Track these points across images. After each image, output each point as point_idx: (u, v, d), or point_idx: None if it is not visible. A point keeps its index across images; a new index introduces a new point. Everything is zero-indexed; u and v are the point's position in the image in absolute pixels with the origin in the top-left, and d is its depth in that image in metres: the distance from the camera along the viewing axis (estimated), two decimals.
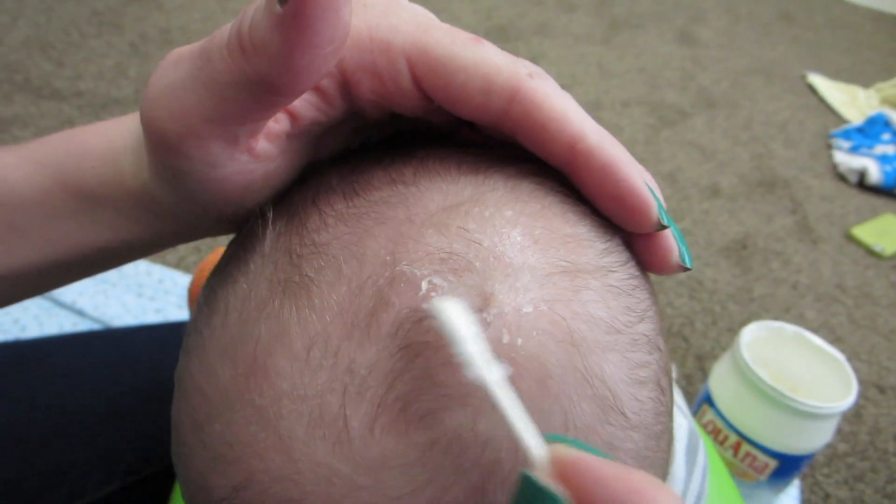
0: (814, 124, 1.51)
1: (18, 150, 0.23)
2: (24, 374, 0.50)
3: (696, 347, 0.90)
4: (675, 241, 0.19)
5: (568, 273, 0.17)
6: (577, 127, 0.17)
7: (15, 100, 1.16)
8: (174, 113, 0.16)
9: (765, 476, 0.64)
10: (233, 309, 0.18)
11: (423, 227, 0.17)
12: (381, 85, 0.18)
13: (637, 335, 0.18)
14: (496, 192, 0.18)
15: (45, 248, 0.23)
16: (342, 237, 0.17)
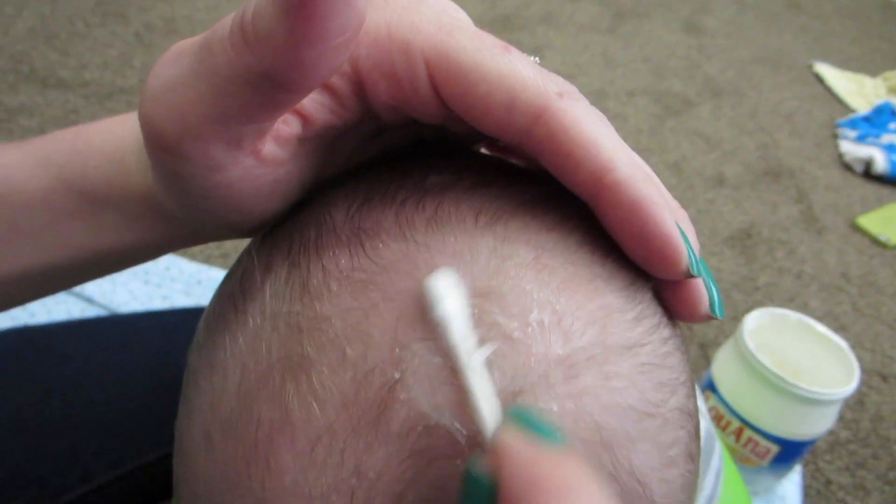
0: (820, 114, 1.51)
1: (22, 147, 0.22)
2: (34, 360, 0.50)
3: (699, 336, 0.90)
4: (705, 291, 0.18)
5: (596, 360, 0.15)
6: (606, 156, 0.16)
7: (21, 90, 1.17)
8: (173, 111, 0.15)
9: (766, 461, 0.64)
10: (232, 374, 0.16)
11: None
12: (397, 88, 0.16)
13: (669, 412, 0.16)
14: (518, 257, 0.16)
15: (49, 251, 0.22)
16: (347, 312, 0.15)
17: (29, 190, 0.22)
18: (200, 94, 0.14)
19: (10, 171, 0.22)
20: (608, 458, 0.15)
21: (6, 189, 0.22)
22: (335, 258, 0.16)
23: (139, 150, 0.21)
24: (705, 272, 0.18)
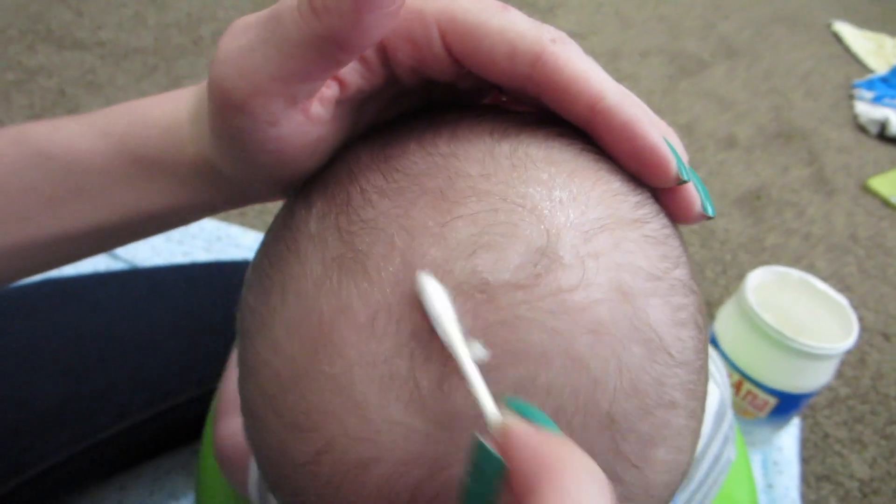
0: (837, 74, 1.49)
1: (84, 119, 0.25)
2: (67, 308, 0.53)
3: (705, 294, 0.92)
4: (696, 193, 0.20)
5: (607, 228, 0.18)
6: (597, 88, 0.18)
7: (38, 50, 1.18)
8: (244, 72, 0.18)
9: (764, 413, 0.67)
10: (290, 289, 0.19)
11: (466, 195, 0.18)
12: (415, 51, 0.19)
13: (674, 280, 0.19)
14: (530, 156, 0.19)
15: (108, 212, 0.25)
16: (389, 212, 0.18)
17: (91, 158, 0.24)
18: (269, 57, 0.17)
19: (74, 141, 0.24)
20: (630, 310, 0.17)
21: (72, 157, 0.24)
22: (370, 180, 0.19)
23: (192, 121, 0.23)
24: (694, 178, 0.20)
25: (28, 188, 0.25)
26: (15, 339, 0.50)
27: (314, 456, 0.18)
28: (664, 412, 0.18)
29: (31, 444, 0.48)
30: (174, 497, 0.61)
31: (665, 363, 0.18)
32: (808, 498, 0.72)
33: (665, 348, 0.18)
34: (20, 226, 0.25)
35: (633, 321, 0.17)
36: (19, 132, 0.25)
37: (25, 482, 0.49)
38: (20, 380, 0.49)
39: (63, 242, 0.26)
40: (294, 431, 0.18)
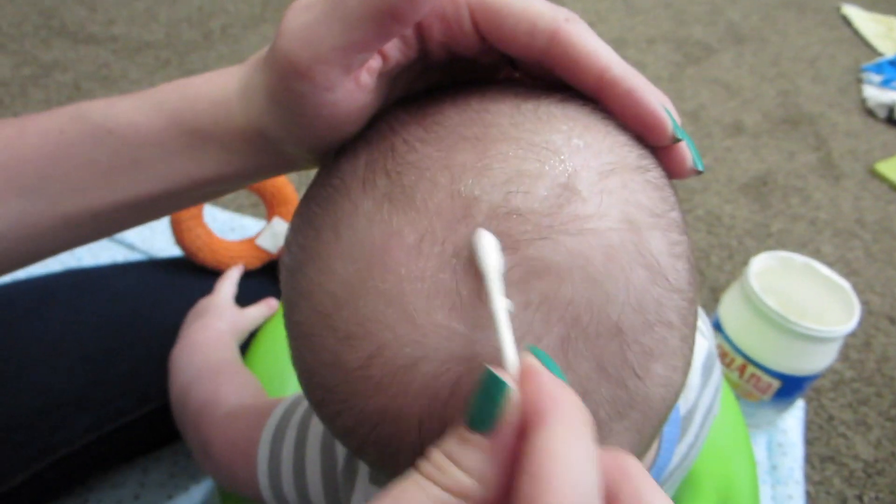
0: (845, 58, 1.49)
1: (138, 95, 0.27)
2: (89, 297, 0.56)
3: (711, 280, 0.93)
4: (689, 151, 0.23)
5: (617, 170, 0.21)
6: (604, 60, 0.21)
7: (54, 45, 1.21)
8: (308, 43, 0.21)
9: (768, 396, 0.68)
10: (343, 224, 0.21)
11: (499, 141, 0.21)
12: (447, 28, 0.22)
13: (671, 219, 0.22)
14: (551, 112, 0.22)
15: (162, 181, 0.27)
16: (431, 154, 0.21)
17: (146, 130, 0.26)
18: (332, 29, 0.20)
19: (130, 115, 0.27)
20: (636, 238, 0.20)
21: (128, 130, 0.27)
22: (412, 132, 0.22)
23: (240, 94, 0.26)
24: (688, 141, 0.23)
25: (87, 161, 0.27)
26: (41, 327, 0.52)
27: (367, 361, 0.20)
28: (663, 330, 0.21)
29: (58, 426, 0.50)
30: (194, 479, 0.64)
31: (664, 287, 0.21)
32: (812, 479, 0.73)
33: (664, 273, 0.21)
34: (80, 196, 0.27)
35: (638, 247, 0.20)
36: (77, 109, 0.28)
37: (53, 463, 0.51)
38: (46, 365, 0.51)
39: (119, 211, 0.28)
40: (347, 341, 0.21)
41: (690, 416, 0.34)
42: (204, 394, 0.43)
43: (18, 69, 1.13)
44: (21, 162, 0.27)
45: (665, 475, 0.32)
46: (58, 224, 0.28)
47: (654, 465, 0.31)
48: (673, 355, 0.21)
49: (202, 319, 0.51)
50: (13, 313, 0.53)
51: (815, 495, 0.72)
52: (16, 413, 0.49)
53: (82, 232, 0.29)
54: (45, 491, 0.53)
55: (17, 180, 0.27)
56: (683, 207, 0.83)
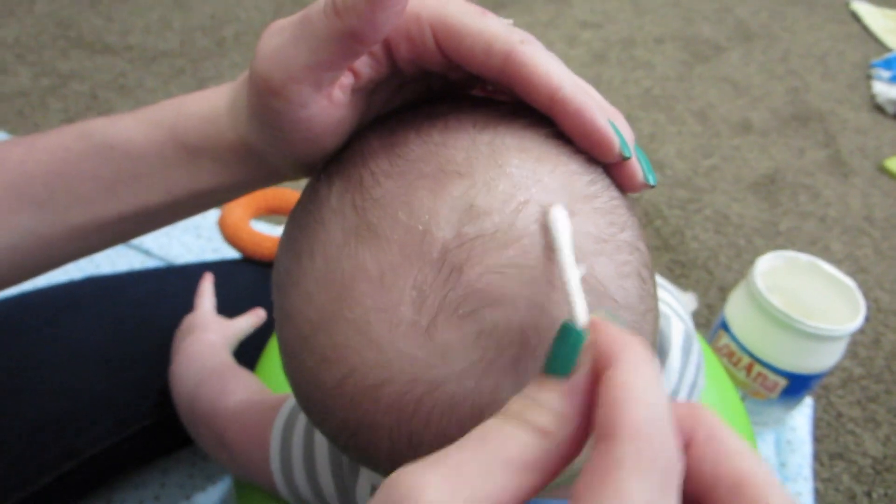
0: (854, 54, 1.48)
1: (138, 113, 0.30)
2: (109, 303, 0.57)
3: (719, 280, 0.94)
4: (639, 167, 0.24)
5: (564, 202, 0.22)
6: (556, 80, 0.23)
7: (71, 55, 1.23)
8: (280, 64, 0.22)
9: (775, 394, 0.69)
10: (318, 252, 0.23)
11: (454, 178, 0.22)
12: (413, 46, 0.23)
13: (619, 241, 0.23)
14: (506, 144, 0.23)
15: (160, 192, 0.29)
16: (393, 191, 0.22)
17: (145, 146, 0.29)
18: (301, 50, 0.22)
19: (130, 131, 0.29)
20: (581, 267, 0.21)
21: (129, 146, 0.29)
22: (378, 164, 0.24)
23: (230, 111, 0.28)
24: (639, 154, 0.24)
25: (92, 175, 0.29)
26: (64, 333, 0.54)
27: (340, 381, 0.22)
28: None
29: (82, 429, 0.52)
30: (212, 480, 0.65)
31: (611, 307, 0.22)
32: (820, 476, 0.74)
33: (610, 295, 0.22)
34: (86, 208, 0.29)
35: (585, 275, 0.21)
36: (81, 127, 0.30)
37: (78, 465, 0.53)
38: (70, 370, 0.53)
39: (120, 222, 0.30)
40: (323, 363, 0.23)
41: (674, 396, 0.36)
42: (211, 392, 0.45)
43: (37, 80, 1.16)
44: (31, 178, 0.29)
45: None
46: (66, 235, 0.30)
47: None
48: None
49: (192, 335, 0.52)
50: (37, 320, 0.55)
51: (823, 492, 0.72)
52: (41, 416, 0.51)
53: (89, 242, 0.31)
54: (70, 492, 0.55)
55: (28, 195, 0.29)
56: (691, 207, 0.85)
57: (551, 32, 1.44)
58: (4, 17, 1.31)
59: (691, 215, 1.03)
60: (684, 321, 0.38)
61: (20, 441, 0.50)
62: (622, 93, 1.29)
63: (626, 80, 1.33)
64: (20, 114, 1.08)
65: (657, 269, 0.94)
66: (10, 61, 1.19)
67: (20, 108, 1.09)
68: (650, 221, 1.02)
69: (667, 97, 1.29)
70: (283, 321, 0.25)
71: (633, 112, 1.24)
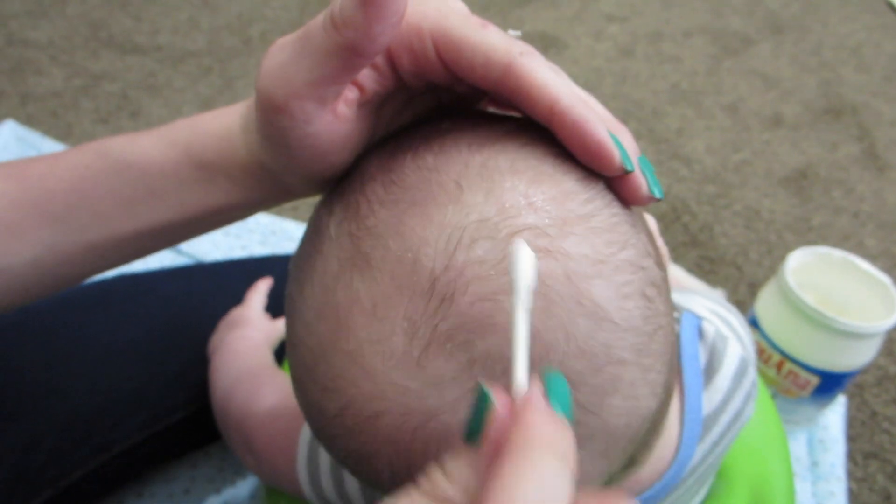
0: (891, 45, 1.45)
1: (154, 132, 0.30)
2: (141, 300, 0.58)
3: (749, 276, 0.92)
4: (643, 180, 0.24)
5: (556, 224, 0.22)
6: (554, 92, 0.22)
7: (102, 56, 1.25)
8: (283, 80, 0.22)
9: (807, 392, 0.68)
10: (317, 282, 0.24)
11: (445, 205, 0.22)
12: (415, 59, 0.23)
13: (619, 261, 0.22)
14: (498, 168, 0.23)
15: (176, 209, 0.30)
16: (386, 220, 0.23)
17: (161, 164, 0.29)
18: (302, 66, 0.22)
19: (147, 149, 0.29)
20: (575, 290, 0.21)
21: (146, 164, 0.29)
22: (374, 191, 0.24)
23: (243, 130, 0.28)
24: (645, 167, 0.24)
25: (109, 193, 0.30)
26: (97, 329, 0.55)
27: (340, 410, 0.23)
28: (614, 368, 0.22)
29: (115, 424, 0.53)
30: (241, 474, 0.66)
31: (611, 330, 0.22)
32: (854, 475, 0.72)
33: (609, 318, 0.22)
34: (102, 225, 0.30)
35: (578, 299, 0.21)
36: (100, 145, 0.30)
37: (110, 459, 0.54)
38: (103, 366, 0.54)
39: (137, 239, 0.31)
40: (325, 392, 0.23)
41: (715, 417, 0.34)
42: (245, 395, 0.45)
43: (70, 80, 1.18)
44: (52, 194, 0.29)
45: (687, 471, 0.33)
46: (85, 250, 0.30)
47: (675, 461, 0.32)
48: (631, 387, 0.22)
49: (238, 330, 0.53)
50: (70, 316, 0.56)
51: (857, 492, 0.71)
52: (74, 412, 0.52)
53: (106, 258, 0.31)
54: (103, 485, 0.56)
55: (50, 212, 0.29)
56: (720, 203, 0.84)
57: (577, 27, 1.43)
58: (38, 18, 1.34)
59: (720, 210, 1.02)
60: (744, 345, 0.37)
61: (54, 436, 0.51)
62: (649, 87, 1.27)
63: (654, 74, 1.31)
64: (53, 114, 1.10)
65: (685, 265, 0.93)
66: (43, 62, 1.22)
67: (53, 108, 1.12)
68: (678, 217, 1.01)
69: (695, 91, 1.27)
70: (290, 349, 0.26)
71: (660, 107, 1.22)
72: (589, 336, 0.21)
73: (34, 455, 0.50)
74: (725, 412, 0.35)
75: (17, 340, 0.53)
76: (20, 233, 0.29)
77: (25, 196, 0.29)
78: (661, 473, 0.32)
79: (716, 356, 0.35)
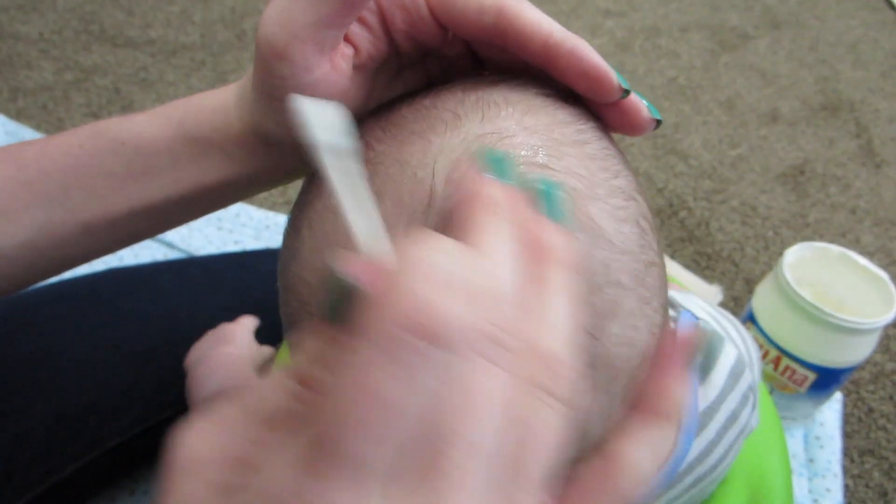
0: (888, 42, 1.44)
1: (150, 111, 0.30)
2: (132, 295, 0.58)
3: (745, 272, 0.92)
4: (641, 102, 0.24)
5: (553, 146, 0.23)
6: (546, 28, 0.23)
7: (93, 49, 1.24)
8: (283, 23, 0.23)
9: (804, 388, 0.67)
10: (315, 221, 0.24)
11: (443, 132, 0.23)
12: (407, 16, 0.24)
13: (613, 187, 0.23)
14: (492, 100, 0.24)
15: (170, 187, 0.30)
16: (385, 151, 0.23)
17: (156, 141, 0.29)
18: (301, 8, 0.23)
19: (141, 127, 0.29)
20: (573, 207, 0.21)
21: (140, 141, 0.29)
22: (373, 134, 0.25)
23: (237, 103, 0.28)
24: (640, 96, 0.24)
25: (103, 171, 0.30)
26: (88, 324, 0.54)
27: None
28: (613, 290, 0.22)
29: (107, 419, 0.52)
30: None
31: (609, 249, 0.22)
32: (850, 472, 0.72)
33: (606, 237, 0.22)
34: (96, 204, 0.30)
35: (576, 214, 0.21)
36: (95, 126, 0.31)
37: (103, 455, 0.53)
38: (95, 360, 0.53)
39: (131, 219, 0.31)
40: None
41: (711, 413, 0.34)
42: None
43: (61, 74, 1.17)
44: (45, 175, 0.29)
45: (685, 466, 0.33)
46: (78, 232, 0.30)
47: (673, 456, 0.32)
48: (630, 315, 0.22)
49: (224, 346, 0.51)
50: (60, 310, 0.55)
51: (853, 488, 0.71)
52: (65, 407, 0.51)
53: (101, 240, 0.31)
54: (96, 481, 0.56)
55: (43, 192, 0.29)
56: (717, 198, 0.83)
57: (574, 22, 1.42)
58: (28, 12, 1.32)
59: (717, 206, 1.01)
60: (738, 348, 0.37)
61: (44, 431, 0.50)
62: (646, 83, 1.27)
63: (651, 69, 1.31)
64: (44, 108, 1.09)
65: (681, 260, 0.93)
66: (34, 56, 1.21)
67: (44, 102, 1.11)
68: (675, 213, 1.00)
69: (692, 87, 1.26)
70: (284, 296, 0.25)
71: (657, 102, 1.22)
72: (587, 252, 0.21)
73: (24, 450, 0.49)
74: (721, 410, 0.35)
75: (5, 335, 0.52)
76: (12, 214, 0.29)
77: (19, 177, 0.29)
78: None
79: (711, 353, 0.35)
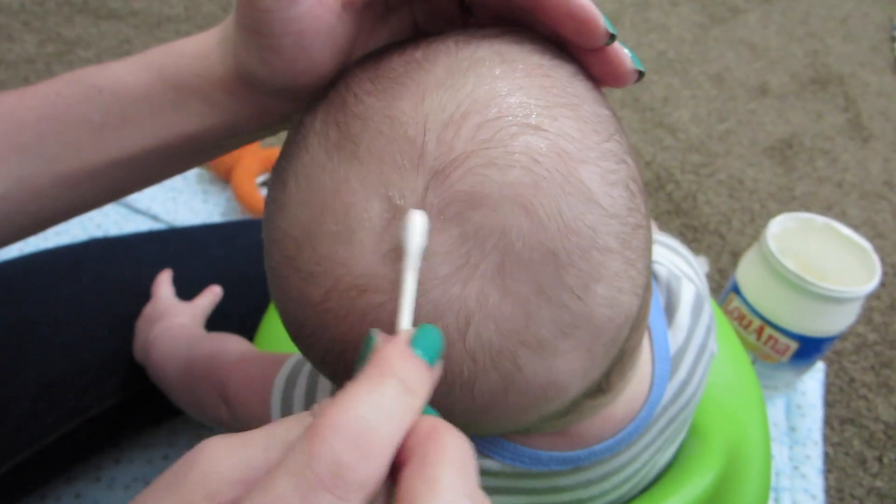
0: (879, 15, 1.44)
1: (129, 58, 0.29)
2: (113, 264, 0.57)
3: (731, 244, 0.92)
4: (625, 52, 0.24)
5: (546, 108, 0.22)
6: None
7: (76, 22, 1.22)
8: None
9: (786, 358, 0.68)
10: (302, 175, 0.24)
11: (434, 88, 0.22)
12: None
13: (605, 150, 0.23)
14: (485, 57, 0.23)
15: (149, 136, 0.29)
16: (375, 105, 0.23)
17: (135, 87, 0.28)
18: None
19: (119, 74, 0.29)
20: (565, 168, 0.22)
21: (118, 88, 0.29)
22: (362, 86, 0.24)
23: (219, 45, 0.28)
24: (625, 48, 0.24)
25: (82, 119, 0.29)
26: (69, 293, 0.54)
27: (325, 295, 0.22)
28: (600, 254, 0.22)
29: (88, 387, 0.52)
30: None
31: (598, 213, 0.22)
32: (831, 440, 0.73)
33: (597, 201, 0.22)
34: (73, 154, 0.29)
35: (567, 177, 0.21)
36: (73, 74, 0.30)
37: (85, 423, 0.53)
38: (76, 329, 0.53)
39: (110, 169, 0.30)
40: (309, 279, 0.23)
41: (681, 355, 0.35)
42: (209, 350, 0.45)
43: (42, 46, 1.15)
44: (20, 124, 0.29)
45: (658, 409, 0.34)
46: (55, 183, 0.29)
47: (648, 401, 0.33)
48: (615, 277, 0.23)
49: (160, 323, 0.51)
50: (42, 280, 0.55)
51: (833, 456, 0.72)
52: (47, 376, 0.51)
53: (80, 192, 0.30)
54: (80, 449, 0.56)
55: (18, 142, 0.29)
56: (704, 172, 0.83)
57: None
58: None
59: (704, 179, 1.01)
60: (696, 284, 0.38)
61: (26, 400, 0.50)
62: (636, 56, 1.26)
63: (640, 42, 1.30)
64: (26, 80, 1.08)
65: (668, 233, 0.93)
66: (15, 28, 1.19)
67: (26, 74, 1.09)
68: (662, 186, 1.00)
69: (682, 60, 1.26)
70: (269, 249, 0.25)
71: (646, 75, 1.21)
72: (577, 216, 0.21)
73: (7, 418, 0.49)
74: (690, 348, 0.35)
75: None
76: None
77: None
78: (636, 413, 0.32)
79: (672, 295, 0.36)
